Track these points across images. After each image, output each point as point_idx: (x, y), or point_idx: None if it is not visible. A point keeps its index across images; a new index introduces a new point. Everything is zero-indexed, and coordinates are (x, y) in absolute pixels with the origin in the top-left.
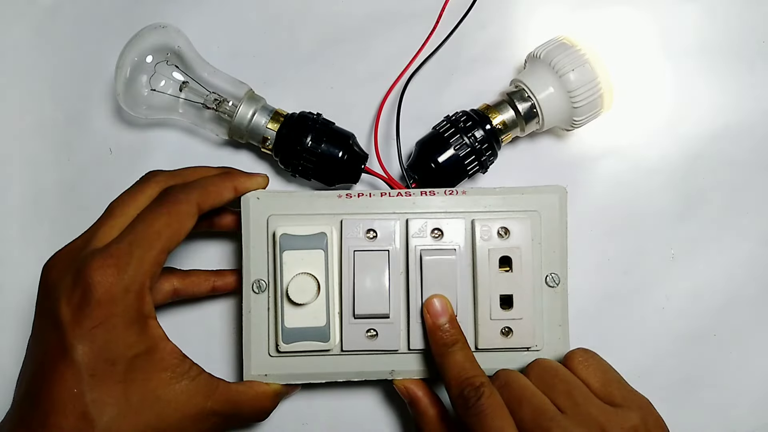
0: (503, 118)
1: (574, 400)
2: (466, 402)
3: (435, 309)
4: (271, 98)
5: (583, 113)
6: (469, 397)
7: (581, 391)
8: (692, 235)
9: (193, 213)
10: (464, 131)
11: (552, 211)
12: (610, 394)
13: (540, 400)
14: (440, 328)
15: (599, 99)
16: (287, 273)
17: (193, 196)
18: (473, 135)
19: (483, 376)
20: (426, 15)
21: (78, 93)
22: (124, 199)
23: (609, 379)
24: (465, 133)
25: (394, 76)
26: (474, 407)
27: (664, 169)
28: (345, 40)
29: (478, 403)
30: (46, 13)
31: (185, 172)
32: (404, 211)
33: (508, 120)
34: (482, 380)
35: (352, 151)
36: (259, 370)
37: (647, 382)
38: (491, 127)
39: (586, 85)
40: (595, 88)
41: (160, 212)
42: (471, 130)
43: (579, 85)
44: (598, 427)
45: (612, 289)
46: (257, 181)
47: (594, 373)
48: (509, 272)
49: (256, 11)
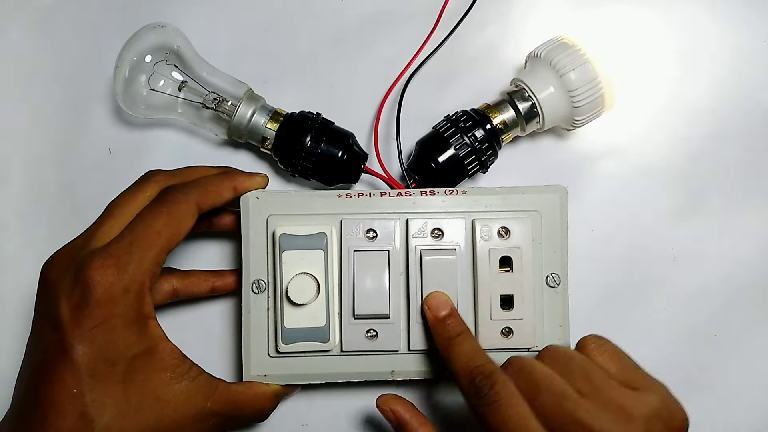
0: (503, 118)
1: (594, 384)
2: (479, 391)
3: (435, 303)
4: (270, 98)
5: (583, 113)
6: (481, 386)
7: (600, 374)
8: (693, 235)
9: (193, 213)
10: (464, 131)
11: (553, 210)
12: (629, 378)
13: (560, 385)
14: (442, 321)
15: (600, 99)
16: (287, 273)
17: (192, 196)
18: (473, 135)
19: (492, 364)
20: (426, 15)
21: (77, 93)
22: (124, 198)
23: (625, 365)
24: (465, 133)
25: (394, 76)
26: (487, 396)
27: (665, 169)
28: (345, 40)
29: (492, 391)
30: (46, 13)
31: (185, 171)
32: (404, 211)
33: (508, 120)
34: (492, 367)
35: (351, 150)
36: (258, 371)
37: None
38: (491, 127)
39: (586, 85)
40: (595, 88)
41: (159, 212)
42: (471, 129)
43: (579, 84)
44: (620, 411)
45: (612, 290)
46: (257, 180)
47: (610, 357)
48: (510, 272)
49: (256, 11)
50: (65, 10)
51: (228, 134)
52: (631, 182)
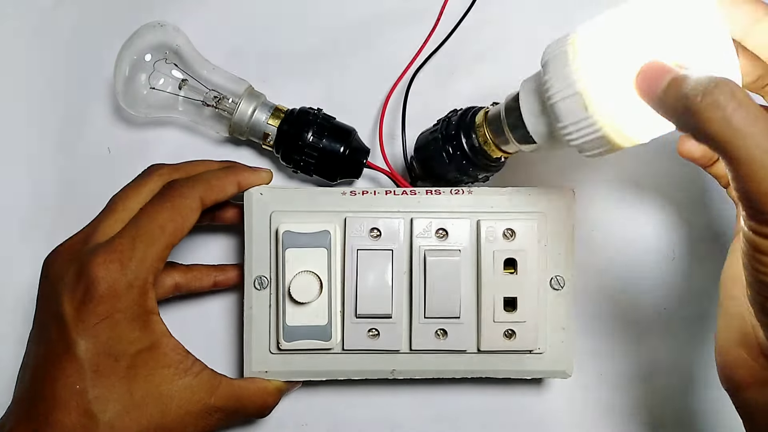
0: (503, 148)
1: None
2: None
3: (650, 72)
4: (270, 97)
5: (584, 151)
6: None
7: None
8: (693, 235)
9: (197, 207)
10: (460, 171)
11: (559, 212)
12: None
13: None
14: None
15: (600, 140)
16: (289, 271)
17: (196, 191)
18: (470, 174)
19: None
20: (427, 13)
21: (77, 92)
22: (127, 192)
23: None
24: (461, 173)
25: (397, 74)
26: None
27: (665, 169)
28: (345, 39)
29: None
30: (46, 12)
31: (188, 165)
32: (409, 210)
33: (502, 145)
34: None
35: (353, 145)
36: (259, 367)
37: (648, 383)
38: (487, 163)
39: (576, 124)
40: (589, 129)
41: (163, 206)
42: (468, 168)
43: (568, 122)
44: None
45: (613, 290)
46: (261, 176)
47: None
48: (514, 274)
49: (256, 8)
50: (65, 9)
51: (229, 132)
52: (631, 182)
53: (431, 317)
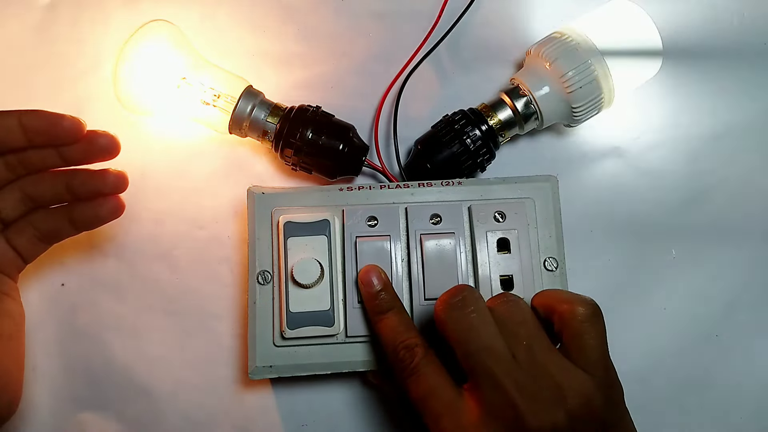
0: (501, 117)
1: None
2: (402, 364)
3: (368, 278)
4: (270, 95)
5: (578, 100)
6: (404, 359)
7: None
8: (693, 235)
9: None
10: (460, 132)
11: (545, 198)
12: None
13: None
14: (375, 297)
15: (594, 84)
16: (291, 258)
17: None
18: (469, 136)
19: (417, 338)
20: (427, 13)
21: (76, 91)
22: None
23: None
24: (461, 134)
25: (395, 73)
26: (408, 369)
27: (665, 169)
28: (345, 37)
29: (413, 364)
30: (46, 12)
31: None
32: (403, 201)
33: (506, 119)
34: (416, 341)
35: (352, 143)
36: (264, 362)
37: (648, 383)
38: (488, 127)
39: (577, 68)
40: (587, 71)
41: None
42: (467, 131)
43: (569, 68)
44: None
45: (613, 290)
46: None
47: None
48: (508, 254)
49: (255, 7)
50: (65, 9)
51: (228, 129)
52: (631, 182)
53: (431, 299)
